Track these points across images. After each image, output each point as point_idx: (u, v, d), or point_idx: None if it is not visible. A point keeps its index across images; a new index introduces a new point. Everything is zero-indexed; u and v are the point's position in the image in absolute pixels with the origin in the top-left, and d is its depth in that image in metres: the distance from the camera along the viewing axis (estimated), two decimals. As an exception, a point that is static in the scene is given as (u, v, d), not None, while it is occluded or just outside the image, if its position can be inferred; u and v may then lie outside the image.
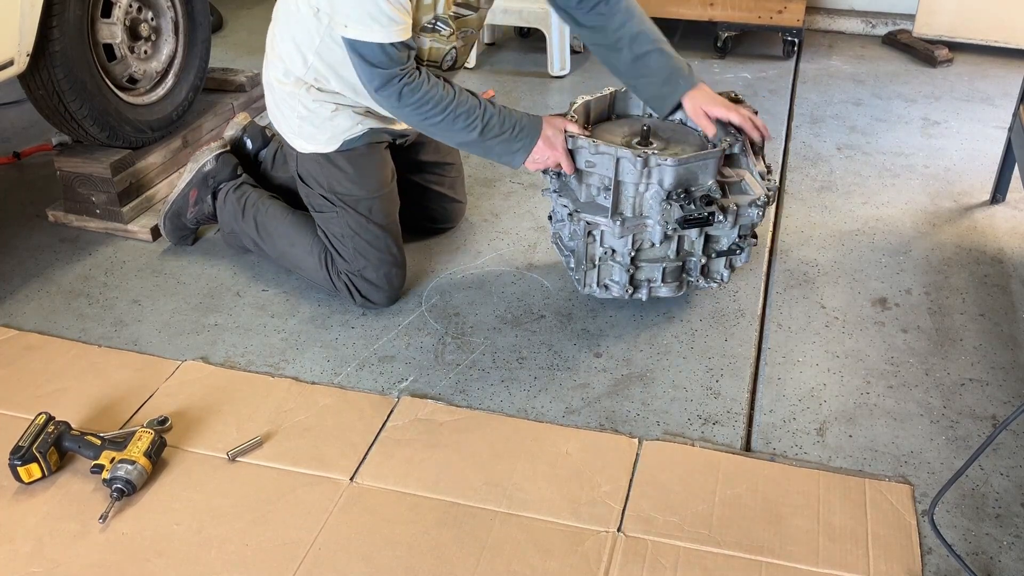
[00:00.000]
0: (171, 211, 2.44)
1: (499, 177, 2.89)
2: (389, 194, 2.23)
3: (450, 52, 2.11)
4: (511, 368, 2.06)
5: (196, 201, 2.40)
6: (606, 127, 2.20)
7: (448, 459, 1.79)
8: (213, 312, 2.26)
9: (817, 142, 3.14)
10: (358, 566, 1.57)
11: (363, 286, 2.20)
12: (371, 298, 2.22)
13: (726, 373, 2.04)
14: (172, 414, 1.89)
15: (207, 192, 2.39)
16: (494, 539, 1.62)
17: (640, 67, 2.10)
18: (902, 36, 4.00)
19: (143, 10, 2.58)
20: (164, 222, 2.45)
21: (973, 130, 3.21)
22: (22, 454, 1.69)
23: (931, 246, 2.52)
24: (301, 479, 1.75)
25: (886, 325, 2.20)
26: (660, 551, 1.59)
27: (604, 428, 1.88)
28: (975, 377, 2.03)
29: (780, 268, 2.42)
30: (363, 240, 2.17)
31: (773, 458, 1.81)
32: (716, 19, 3.85)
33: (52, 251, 2.51)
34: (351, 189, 2.16)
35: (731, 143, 2.03)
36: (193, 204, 2.41)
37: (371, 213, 2.18)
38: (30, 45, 2.20)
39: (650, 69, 2.10)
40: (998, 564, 1.59)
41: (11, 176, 2.92)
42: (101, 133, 2.46)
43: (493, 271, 2.42)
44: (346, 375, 2.04)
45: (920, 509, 1.69)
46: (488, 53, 4.01)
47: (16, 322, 2.22)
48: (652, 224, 2.02)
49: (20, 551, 1.60)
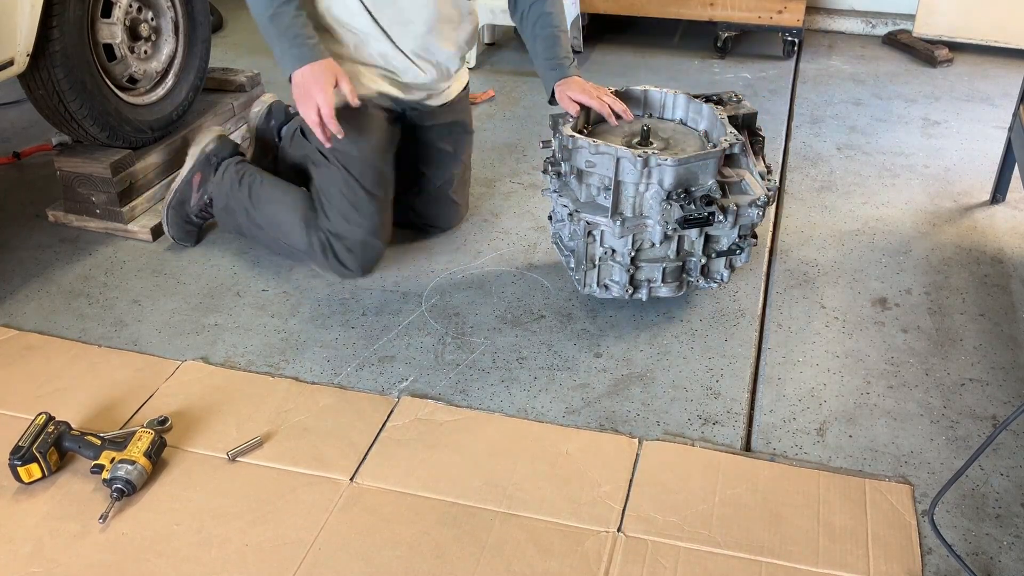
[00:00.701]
0: (175, 200, 2.44)
1: (499, 177, 2.89)
2: (383, 165, 2.26)
3: None
4: (511, 368, 2.06)
5: (200, 184, 2.42)
6: (606, 127, 2.20)
7: (448, 459, 1.79)
8: (213, 312, 2.26)
9: (817, 142, 3.14)
10: (358, 566, 1.57)
11: (339, 248, 2.22)
12: (344, 262, 2.23)
13: (726, 373, 2.04)
14: (172, 414, 1.89)
15: (210, 171, 2.42)
16: (494, 539, 1.62)
17: (533, 46, 2.28)
18: (902, 36, 4.00)
19: (143, 10, 2.58)
20: (167, 213, 2.45)
21: (973, 130, 3.21)
22: (22, 454, 1.69)
23: (931, 246, 2.52)
24: (301, 479, 1.75)
25: (886, 325, 2.20)
26: (660, 551, 1.59)
27: (604, 428, 1.88)
28: (975, 377, 2.03)
29: (780, 268, 2.42)
30: (348, 202, 2.19)
31: (773, 458, 1.81)
32: (716, 19, 3.85)
33: (52, 251, 2.51)
34: (347, 146, 2.16)
35: (731, 143, 2.03)
36: (198, 188, 2.42)
37: (362, 177, 2.19)
38: (30, 45, 2.20)
39: (537, 52, 2.27)
40: (998, 564, 1.59)
41: (11, 176, 2.92)
42: (101, 133, 2.46)
43: (493, 271, 2.42)
44: (346, 375, 2.04)
45: (920, 509, 1.69)
46: (488, 53, 4.01)
47: (16, 322, 2.22)
48: (652, 224, 2.02)
49: (20, 551, 1.60)
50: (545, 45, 2.24)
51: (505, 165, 2.97)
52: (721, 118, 2.10)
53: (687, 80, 3.66)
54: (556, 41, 2.24)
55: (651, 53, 3.95)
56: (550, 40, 2.24)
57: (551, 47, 2.24)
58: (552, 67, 2.23)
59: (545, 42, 2.24)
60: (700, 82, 3.64)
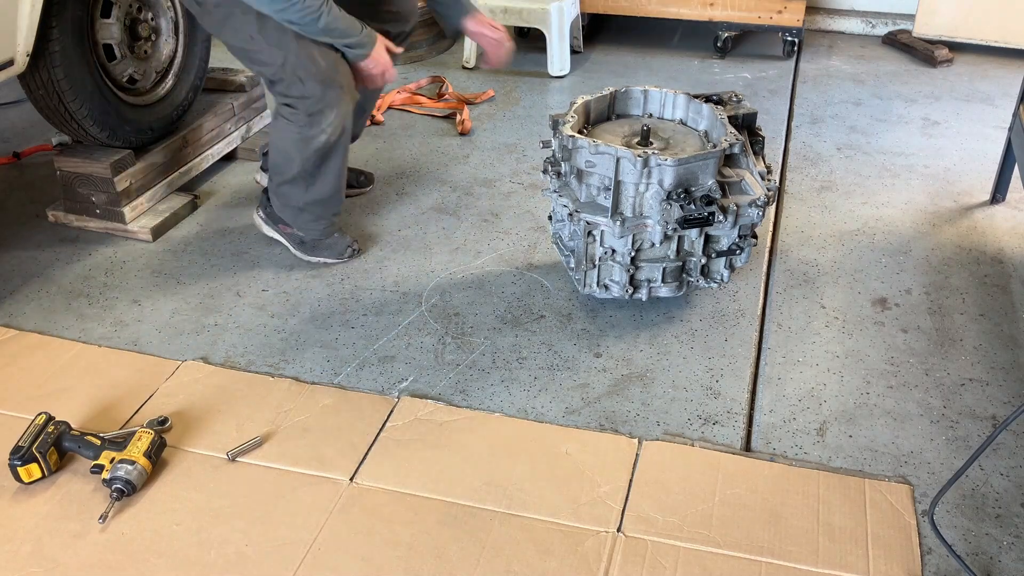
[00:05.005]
0: (301, 250, 2.45)
1: (499, 177, 2.89)
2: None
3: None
4: (511, 368, 2.06)
5: (285, 227, 2.45)
6: (606, 127, 2.20)
7: (448, 459, 1.79)
8: (213, 312, 2.26)
9: (817, 142, 3.13)
10: (358, 566, 1.57)
11: (293, 89, 2.17)
12: (304, 93, 2.16)
13: (726, 373, 2.04)
14: (172, 414, 1.89)
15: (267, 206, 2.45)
16: (494, 539, 1.62)
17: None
18: (902, 36, 4.00)
19: (143, 10, 2.58)
20: (312, 258, 2.45)
21: (973, 130, 3.21)
22: (22, 454, 1.69)
23: (931, 246, 2.52)
24: (301, 479, 1.75)
25: (886, 325, 2.20)
26: (660, 551, 1.59)
27: (604, 428, 1.88)
28: (975, 377, 2.03)
29: (780, 268, 2.42)
30: (291, 58, 2.14)
31: (773, 458, 1.81)
32: (716, 19, 3.85)
33: (52, 251, 2.51)
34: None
35: (731, 143, 2.03)
36: (289, 228, 2.44)
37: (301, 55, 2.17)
38: (30, 45, 2.20)
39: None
40: (998, 564, 1.59)
41: (11, 176, 2.92)
42: (101, 133, 2.46)
43: (493, 271, 2.42)
44: (346, 375, 2.04)
45: (920, 509, 1.69)
46: (488, 53, 4.00)
47: (16, 322, 2.22)
48: (652, 224, 2.02)
49: (20, 551, 1.60)
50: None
51: (505, 165, 2.97)
52: (721, 118, 2.10)
53: (687, 80, 3.66)
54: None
55: (651, 53, 3.95)
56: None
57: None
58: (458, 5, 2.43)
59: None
60: (700, 82, 3.64)
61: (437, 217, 2.67)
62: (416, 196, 2.78)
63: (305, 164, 2.27)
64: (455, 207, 2.72)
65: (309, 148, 2.23)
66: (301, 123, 2.20)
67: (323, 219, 2.40)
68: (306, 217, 2.38)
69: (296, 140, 2.23)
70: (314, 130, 2.20)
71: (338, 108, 2.20)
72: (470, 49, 3.74)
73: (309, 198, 2.33)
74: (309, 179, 2.30)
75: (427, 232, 2.59)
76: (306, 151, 2.24)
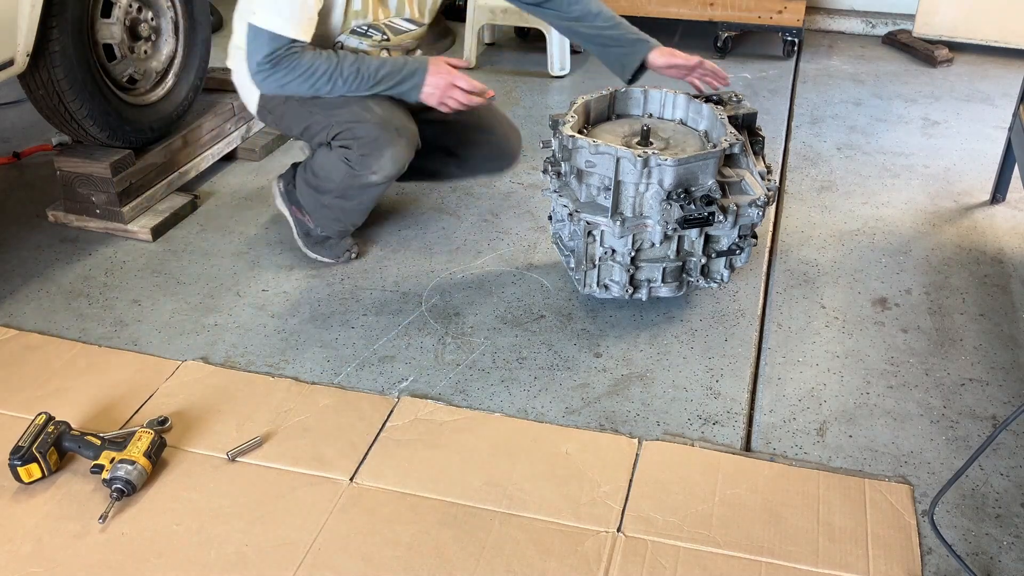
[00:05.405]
0: (307, 242, 2.44)
1: (499, 177, 2.89)
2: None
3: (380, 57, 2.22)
4: (511, 368, 2.06)
5: (299, 211, 2.42)
6: (606, 127, 2.20)
7: (448, 459, 1.79)
8: (213, 312, 2.26)
9: (817, 142, 3.14)
10: (358, 566, 1.57)
11: (354, 149, 2.17)
12: (365, 163, 2.17)
13: (726, 373, 2.04)
14: (172, 414, 1.89)
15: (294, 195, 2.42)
16: (494, 539, 1.62)
17: (598, 31, 2.34)
18: (902, 36, 4.00)
19: (143, 10, 2.58)
20: (320, 252, 2.44)
21: (973, 130, 3.21)
22: (22, 454, 1.69)
23: (931, 246, 2.52)
24: (301, 479, 1.75)
25: (886, 325, 2.20)
26: (660, 551, 1.59)
27: (604, 428, 1.88)
28: (975, 377, 2.03)
29: (780, 268, 2.42)
30: (356, 110, 2.16)
31: (773, 458, 1.81)
32: (716, 19, 3.85)
33: (52, 251, 2.51)
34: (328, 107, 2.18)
35: (731, 143, 2.03)
36: (301, 215, 2.42)
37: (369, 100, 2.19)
38: (30, 45, 2.20)
39: (607, 34, 2.33)
40: (998, 564, 1.59)
41: (11, 176, 2.92)
42: (101, 133, 2.46)
43: (493, 271, 2.42)
44: (346, 375, 2.04)
45: (920, 509, 1.69)
46: (488, 53, 4.01)
47: (16, 322, 2.22)
48: (652, 224, 2.02)
49: (20, 551, 1.60)
50: (615, 24, 2.32)
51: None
52: (721, 118, 2.10)
53: (687, 80, 3.66)
54: (622, 21, 2.33)
55: (651, 53, 3.95)
56: (615, 21, 2.32)
57: (622, 25, 2.33)
58: (637, 39, 2.30)
59: (613, 22, 2.32)
60: (700, 82, 3.64)
61: (437, 217, 2.67)
62: (416, 196, 2.78)
63: (345, 191, 2.27)
64: (455, 207, 2.72)
65: (355, 183, 2.23)
66: (354, 161, 2.18)
67: (342, 222, 2.39)
68: (327, 214, 2.36)
69: (344, 174, 2.22)
70: (365, 171, 2.19)
71: (392, 149, 2.17)
72: (470, 49, 3.74)
73: (337, 204, 2.33)
74: (343, 198, 2.30)
75: (427, 232, 2.59)
76: (351, 183, 2.24)
